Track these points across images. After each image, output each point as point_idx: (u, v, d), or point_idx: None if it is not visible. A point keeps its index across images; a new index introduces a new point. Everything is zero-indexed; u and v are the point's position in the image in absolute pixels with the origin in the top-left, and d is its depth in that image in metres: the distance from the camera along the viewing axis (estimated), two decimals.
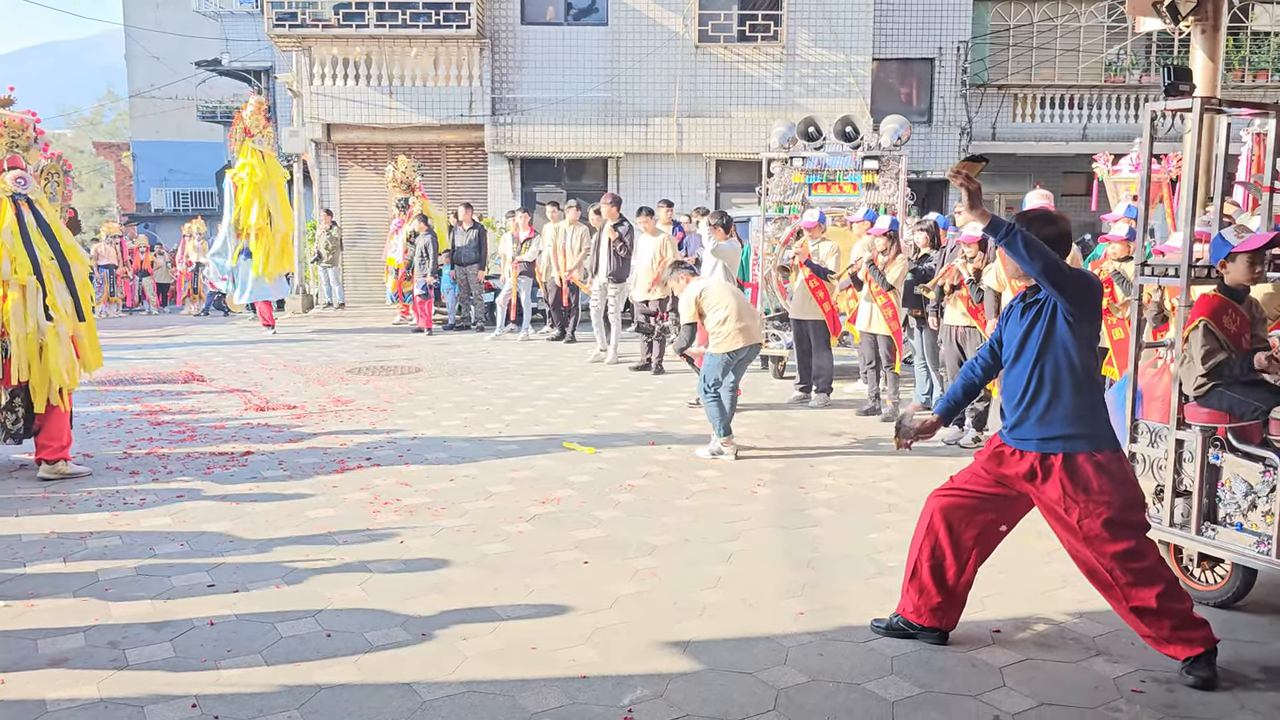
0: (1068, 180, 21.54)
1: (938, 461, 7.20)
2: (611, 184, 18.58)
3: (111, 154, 44.71)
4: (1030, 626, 4.30)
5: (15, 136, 6.72)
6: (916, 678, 3.81)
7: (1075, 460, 3.73)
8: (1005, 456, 3.91)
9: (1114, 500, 3.70)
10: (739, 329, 7.31)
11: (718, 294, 7.49)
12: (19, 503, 6.08)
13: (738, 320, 7.31)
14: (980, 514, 4.03)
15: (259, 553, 5.18)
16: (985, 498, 4.01)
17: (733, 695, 3.67)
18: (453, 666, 3.88)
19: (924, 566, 4.07)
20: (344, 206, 18.95)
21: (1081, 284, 3.73)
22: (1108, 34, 21.54)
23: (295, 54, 18.72)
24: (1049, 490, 3.78)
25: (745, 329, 7.35)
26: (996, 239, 3.62)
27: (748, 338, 7.38)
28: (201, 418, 8.69)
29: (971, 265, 7.55)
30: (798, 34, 18.34)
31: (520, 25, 18.53)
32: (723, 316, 7.31)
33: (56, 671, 3.82)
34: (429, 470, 6.89)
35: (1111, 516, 3.69)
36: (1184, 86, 4.46)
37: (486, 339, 14.14)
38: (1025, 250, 3.59)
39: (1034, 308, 3.84)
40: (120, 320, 18.30)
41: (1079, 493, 3.72)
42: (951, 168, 3.61)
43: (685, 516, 5.87)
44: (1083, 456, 3.73)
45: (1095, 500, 3.70)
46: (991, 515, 4.04)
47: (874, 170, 10.40)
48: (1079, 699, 3.65)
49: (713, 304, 7.41)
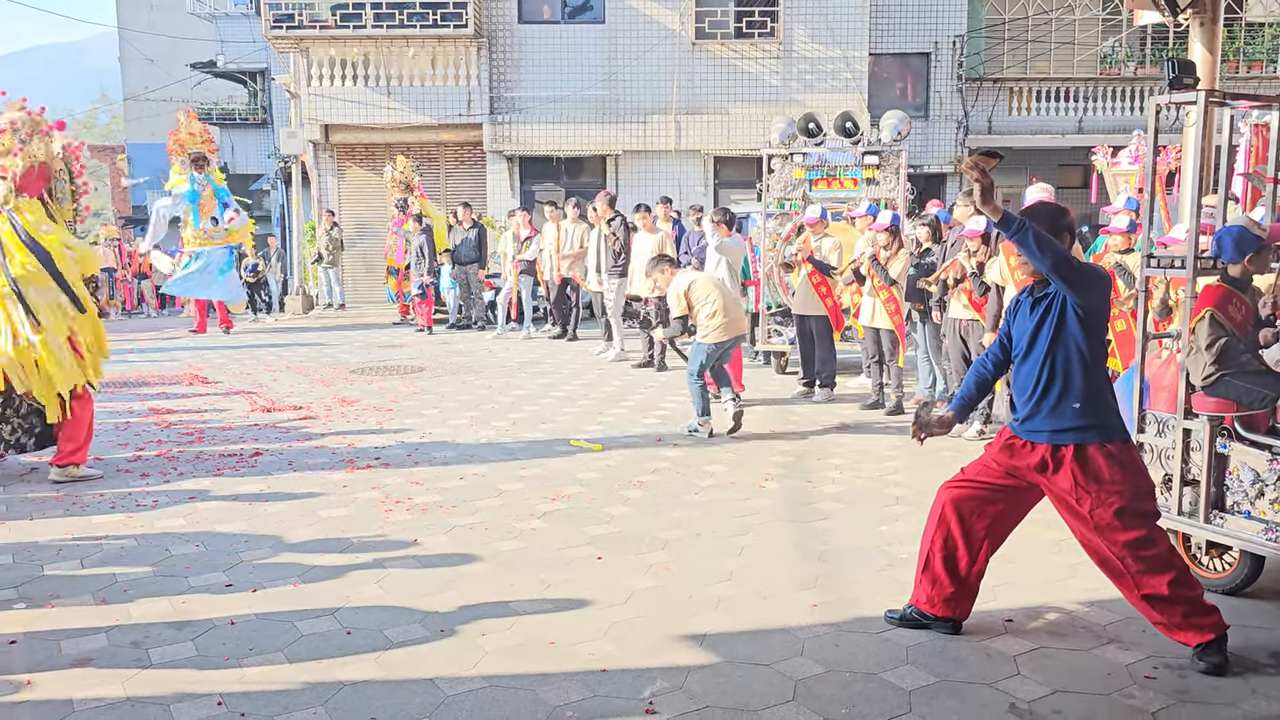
0: (1064, 173, 21.61)
1: (942, 454, 7.25)
2: (610, 182, 18.62)
3: (106, 157, 44.65)
4: (1042, 615, 4.35)
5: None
6: (932, 667, 3.86)
7: (1086, 451, 3.78)
8: (1016, 449, 3.96)
9: (1125, 489, 3.75)
10: (727, 321, 7.84)
11: (705, 287, 7.92)
12: (33, 506, 6.11)
13: (725, 314, 7.83)
14: (991, 505, 4.08)
15: (274, 552, 5.22)
16: (996, 489, 4.06)
17: (751, 686, 3.72)
18: (473, 662, 3.93)
19: (936, 557, 4.12)
20: (343, 207, 18.96)
21: (1092, 278, 3.78)
22: (1103, 26, 21.59)
23: (292, 55, 18.76)
24: (1060, 481, 3.83)
25: (734, 321, 7.93)
26: (1008, 234, 3.66)
27: (736, 330, 7.98)
28: (209, 419, 8.72)
29: (975, 259, 7.59)
30: (794, 30, 18.38)
31: (517, 24, 18.56)
32: (712, 310, 7.82)
33: (82, 671, 3.86)
34: (438, 469, 6.93)
35: (1123, 505, 3.74)
36: (1188, 79, 4.50)
37: (488, 338, 14.18)
38: (1036, 246, 3.63)
39: (1043, 302, 3.88)
40: (120, 323, 18.30)
41: (1090, 483, 3.77)
42: (966, 160, 3.64)
43: (695, 511, 5.92)
44: (1093, 447, 3.78)
45: (1106, 490, 3.75)
46: (1002, 506, 4.09)
47: (874, 165, 10.44)
48: (1093, 686, 3.70)
49: (701, 297, 7.87)
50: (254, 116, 32.31)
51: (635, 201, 12.34)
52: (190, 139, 14.81)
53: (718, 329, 7.81)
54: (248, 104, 33.11)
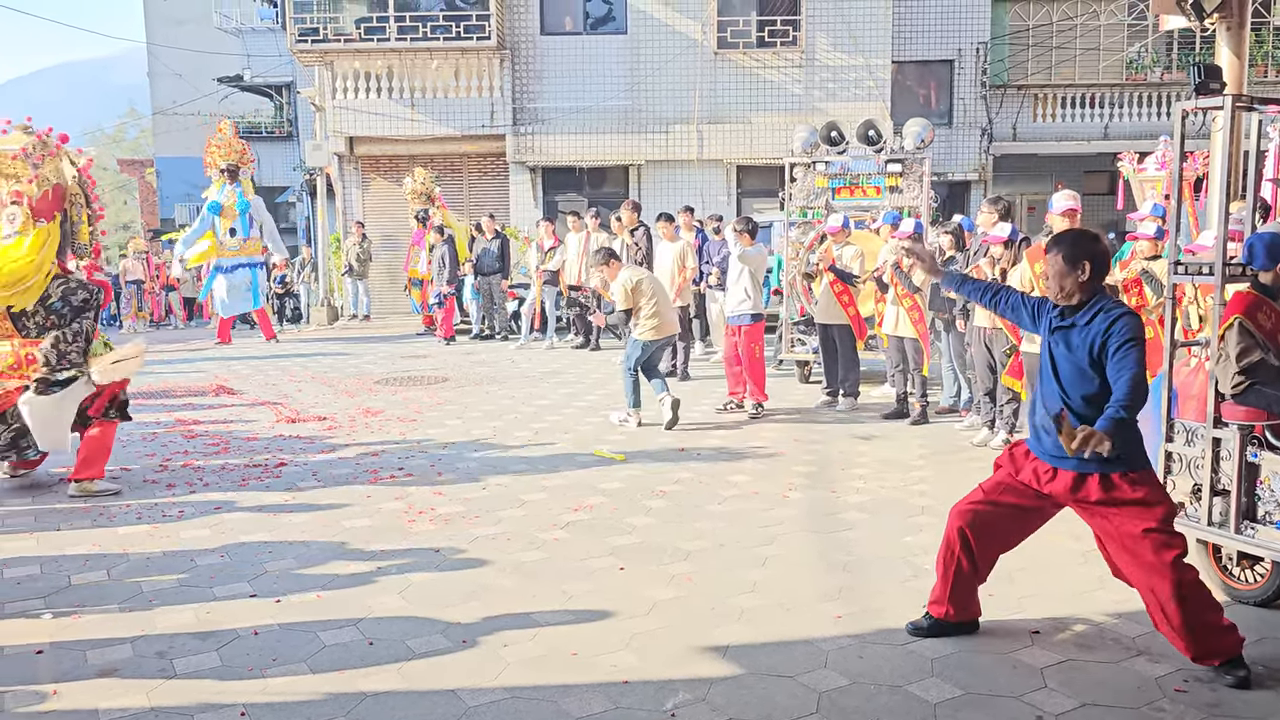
0: (1089, 179, 21.47)
1: (967, 464, 7.20)
2: (633, 191, 18.64)
3: (135, 171, 45.15)
4: (1069, 627, 4.30)
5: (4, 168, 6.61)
6: (958, 679, 3.82)
7: (1110, 479, 3.78)
8: (1039, 472, 3.95)
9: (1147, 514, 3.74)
10: (660, 323, 8.43)
11: (651, 286, 8.49)
12: (60, 517, 6.17)
13: (660, 316, 8.43)
14: (1004, 521, 4.10)
15: (298, 562, 5.24)
16: (1010, 508, 4.07)
17: (775, 699, 3.69)
18: (495, 673, 3.92)
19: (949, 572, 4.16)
20: (367, 219, 19.08)
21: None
22: (1128, 32, 21.45)
23: (317, 68, 18.91)
24: (1086, 495, 3.82)
25: (667, 323, 8.54)
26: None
27: (668, 330, 8.59)
28: (234, 429, 8.78)
29: (998, 266, 7.54)
30: (816, 38, 18.36)
31: (540, 35, 18.65)
32: (651, 310, 8.41)
33: (107, 681, 3.88)
34: (461, 479, 6.94)
35: (1147, 527, 3.72)
36: (1214, 84, 4.45)
37: (511, 348, 14.21)
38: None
39: (1071, 331, 3.85)
40: (148, 335, 18.48)
41: (1113, 504, 3.78)
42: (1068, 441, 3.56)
43: (718, 522, 5.89)
44: (1117, 476, 3.77)
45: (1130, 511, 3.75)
46: (1016, 523, 4.11)
47: (897, 173, 10.39)
48: (1122, 699, 3.65)
49: (646, 294, 8.45)
50: (280, 130, 32.69)
51: (658, 211, 12.34)
52: (219, 150, 14.96)
53: (653, 329, 8.40)
54: (273, 117, 33.50)
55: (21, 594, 4.83)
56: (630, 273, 8.65)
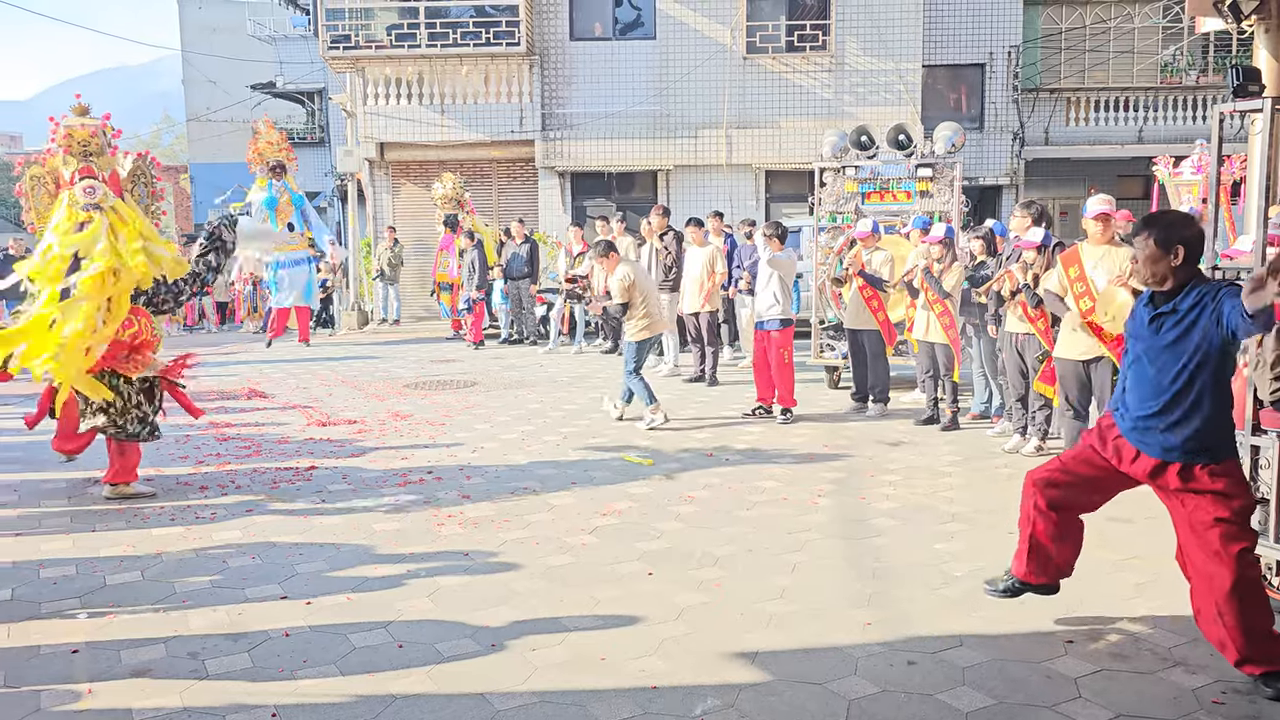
0: (1123, 184, 21.22)
1: (997, 471, 7.13)
2: (661, 196, 18.64)
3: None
4: (1104, 636, 4.24)
5: (85, 144, 6.87)
6: (990, 689, 3.78)
7: (1191, 470, 3.71)
8: (1122, 450, 3.90)
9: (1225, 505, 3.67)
10: (650, 322, 8.66)
11: (647, 284, 8.71)
12: (95, 518, 6.24)
13: (652, 315, 8.66)
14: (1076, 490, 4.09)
15: (328, 565, 5.27)
16: (1084, 479, 4.06)
17: (804, 706, 3.66)
18: (523, 677, 3.92)
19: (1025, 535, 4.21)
20: (397, 224, 19.20)
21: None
22: (1163, 34, 21.21)
23: (349, 75, 19.06)
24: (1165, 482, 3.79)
25: (656, 322, 8.77)
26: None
27: (657, 329, 8.84)
28: (266, 433, 8.86)
29: (1031, 271, 7.46)
30: (846, 43, 18.29)
31: (569, 41, 18.71)
32: (643, 311, 8.61)
33: (140, 681, 3.92)
34: (490, 483, 6.96)
35: (1220, 517, 3.65)
36: (1253, 87, 4.39)
37: (540, 352, 14.25)
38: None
39: (1170, 318, 3.71)
40: (181, 339, 18.69)
41: (1190, 494, 3.73)
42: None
43: (747, 527, 5.87)
44: (1198, 468, 3.70)
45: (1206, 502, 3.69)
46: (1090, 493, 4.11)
47: (928, 178, 10.33)
48: (1158, 710, 3.59)
49: (641, 293, 8.63)
50: (311, 136, 33.01)
51: (687, 216, 12.33)
52: (269, 148, 15.08)
53: (644, 329, 8.66)
54: (305, 123, 33.84)
55: (58, 594, 4.90)
56: (628, 268, 8.82)
